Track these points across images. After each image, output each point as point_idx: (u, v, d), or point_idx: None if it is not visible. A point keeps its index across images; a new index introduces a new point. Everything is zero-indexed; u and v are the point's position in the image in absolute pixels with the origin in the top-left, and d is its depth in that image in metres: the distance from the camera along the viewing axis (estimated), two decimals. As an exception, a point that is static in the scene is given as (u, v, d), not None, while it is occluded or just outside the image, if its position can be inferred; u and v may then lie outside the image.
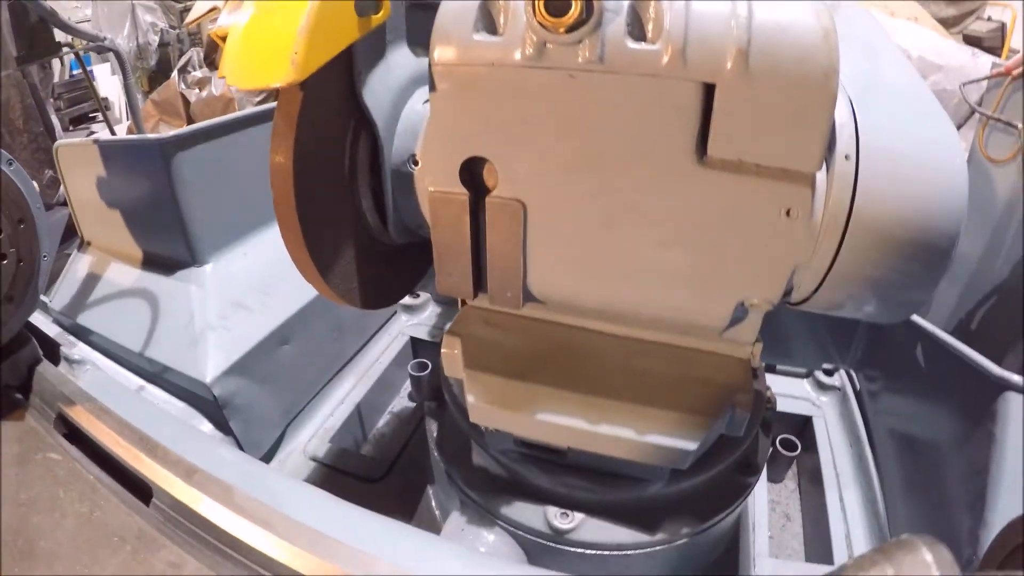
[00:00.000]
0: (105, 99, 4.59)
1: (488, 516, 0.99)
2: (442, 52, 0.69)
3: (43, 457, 0.96)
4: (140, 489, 0.87)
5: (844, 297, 0.79)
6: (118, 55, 2.26)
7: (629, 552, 0.94)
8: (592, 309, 0.82)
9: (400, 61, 0.84)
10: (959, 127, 2.38)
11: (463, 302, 0.94)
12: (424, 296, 1.91)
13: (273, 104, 0.81)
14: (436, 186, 0.76)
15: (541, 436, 0.87)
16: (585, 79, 0.66)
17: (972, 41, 4.82)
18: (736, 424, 0.87)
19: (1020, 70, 2.02)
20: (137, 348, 1.37)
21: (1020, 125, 1.95)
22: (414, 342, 1.80)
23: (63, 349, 1.23)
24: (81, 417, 1.00)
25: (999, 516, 1.01)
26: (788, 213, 0.70)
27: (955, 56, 3.04)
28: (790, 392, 1.72)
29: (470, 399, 0.87)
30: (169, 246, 1.45)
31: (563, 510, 0.95)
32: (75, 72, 4.81)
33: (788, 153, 0.66)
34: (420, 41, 0.86)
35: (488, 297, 0.82)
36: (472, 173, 0.75)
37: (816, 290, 0.78)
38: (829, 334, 1.74)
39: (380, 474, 1.41)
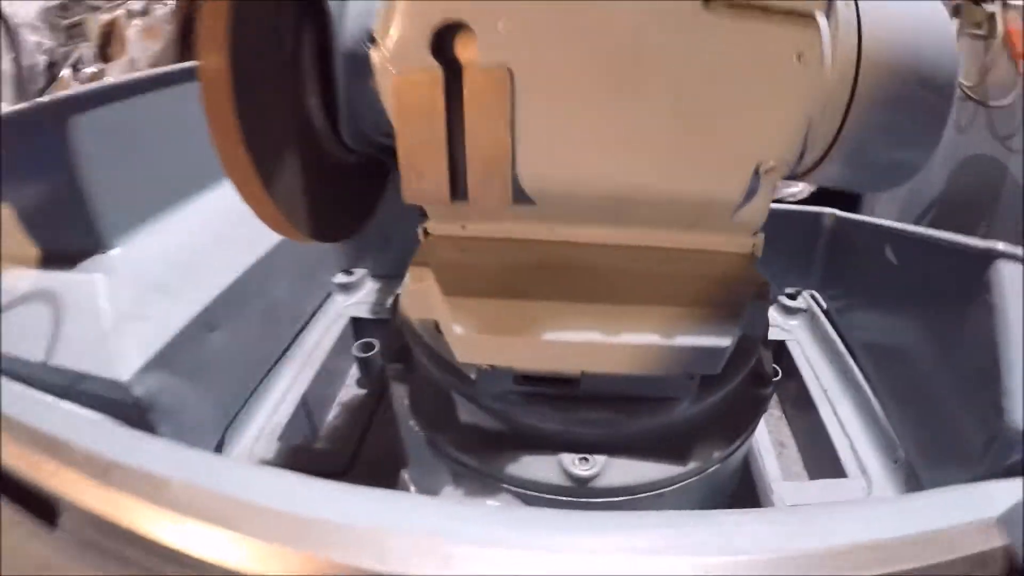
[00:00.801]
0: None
1: (489, 481, 0.85)
2: None
3: None
4: (44, 510, 0.66)
5: (856, 154, 0.73)
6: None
7: (663, 491, 0.82)
8: (594, 200, 0.69)
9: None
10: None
11: (424, 233, 0.79)
12: (360, 272, 1.73)
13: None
14: (401, 65, 0.62)
15: (550, 363, 0.74)
16: None
17: None
18: (759, 319, 0.78)
19: None
20: (39, 358, 1.14)
21: None
22: (356, 323, 1.62)
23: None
24: None
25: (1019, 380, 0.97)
26: (800, 58, 0.61)
27: None
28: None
29: (457, 332, 0.72)
30: (68, 235, 1.23)
31: (581, 455, 0.82)
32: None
33: None
34: None
35: (468, 203, 0.68)
36: (441, 47, 0.61)
37: (830, 146, 0.72)
38: (785, 258, 1.68)
39: (343, 467, 1.24)
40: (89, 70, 3.94)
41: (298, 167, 0.72)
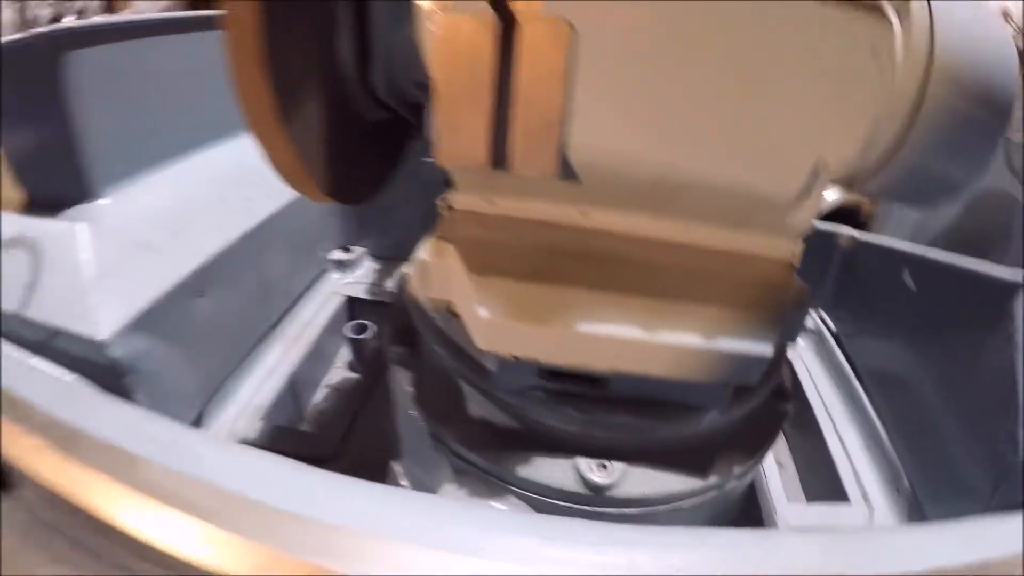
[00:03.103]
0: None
1: (496, 483, 0.77)
2: None
3: None
4: None
5: (912, 164, 0.68)
6: None
7: (682, 503, 0.75)
8: (643, 183, 0.62)
9: None
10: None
11: (448, 208, 0.71)
12: (358, 251, 1.65)
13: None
14: (448, 8, 0.54)
15: (581, 358, 0.66)
16: None
17: None
18: (793, 327, 0.71)
19: None
20: (12, 309, 1.05)
21: None
22: (351, 303, 1.54)
23: None
24: None
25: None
26: (873, 51, 0.58)
27: None
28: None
29: (481, 315, 0.65)
30: (55, 179, 1.15)
31: (599, 460, 0.74)
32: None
33: None
34: None
35: (511, 170, 0.60)
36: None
37: (892, 153, 0.67)
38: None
39: (329, 453, 1.16)
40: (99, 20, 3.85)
41: (321, 115, 0.65)
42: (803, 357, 1.58)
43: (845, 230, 1.56)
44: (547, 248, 0.68)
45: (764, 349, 0.66)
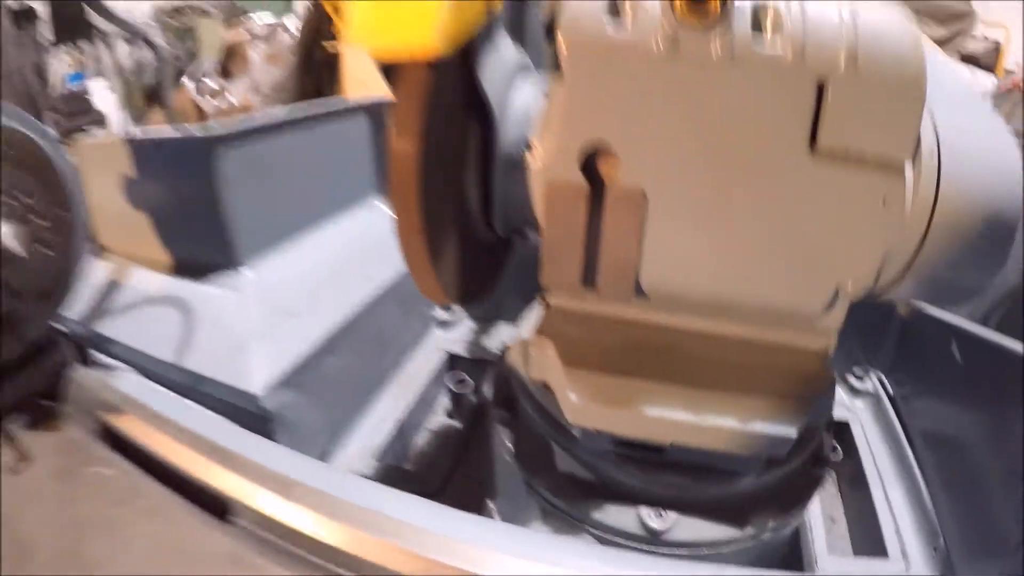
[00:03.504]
0: (100, 113, 4.47)
1: (575, 523, 0.99)
2: (571, 38, 0.71)
3: (92, 472, 0.90)
4: (214, 505, 0.83)
5: (924, 279, 0.86)
6: (155, 47, 2.28)
7: (723, 549, 0.95)
8: (699, 301, 0.84)
9: (506, 50, 0.86)
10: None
11: (546, 305, 0.94)
12: (459, 312, 1.90)
13: (319, 105, 0.86)
14: (553, 174, 0.77)
15: (646, 433, 0.88)
16: (715, 72, 0.69)
17: (969, 60, 5.26)
18: (823, 409, 0.91)
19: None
20: (168, 358, 1.31)
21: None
22: (452, 358, 1.78)
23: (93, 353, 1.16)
24: (130, 426, 0.96)
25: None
26: (884, 202, 0.75)
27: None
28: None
29: (572, 398, 0.87)
30: (206, 249, 1.42)
31: (657, 510, 0.95)
32: (72, 85, 4.71)
33: (887, 142, 0.73)
34: (515, 32, 0.88)
35: (595, 291, 0.83)
36: (588, 164, 0.77)
37: (903, 273, 0.85)
38: (858, 334, 1.78)
39: (434, 489, 1.40)
40: (211, 85, 4.29)
41: (453, 245, 0.88)
42: (861, 418, 1.71)
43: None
44: (622, 346, 0.90)
45: (790, 432, 0.85)
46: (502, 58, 0.85)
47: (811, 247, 0.79)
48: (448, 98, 0.79)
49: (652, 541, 0.95)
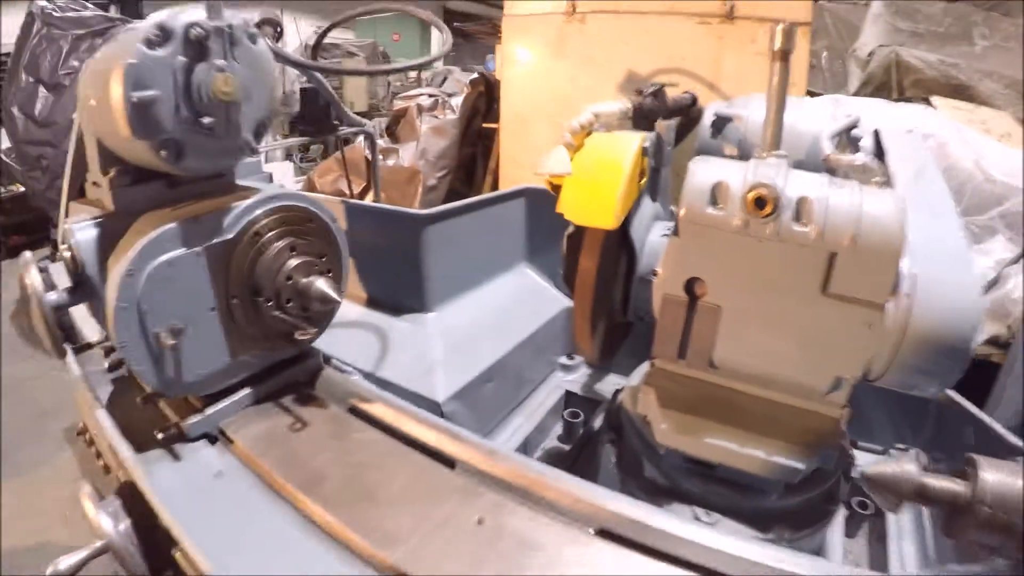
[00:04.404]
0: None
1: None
2: (687, 213, 1.27)
3: (356, 436, 1.42)
4: (445, 459, 1.35)
5: (902, 377, 1.32)
6: (370, 137, 3.02)
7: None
8: (749, 375, 1.38)
9: (646, 207, 1.45)
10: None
11: (652, 366, 1.50)
12: (577, 359, 2.50)
13: (493, 194, 1.50)
14: (667, 290, 1.34)
15: (706, 454, 1.41)
16: (767, 243, 1.24)
17: None
18: (829, 458, 1.41)
19: None
20: (369, 369, 1.94)
21: None
22: (568, 395, 2.37)
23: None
24: (375, 409, 1.49)
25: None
26: (869, 326, 1.24)
27: None
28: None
29: (662, 427, 1.42)
30: (404, 295, 2.06)
31: (707, 510, 1.48)
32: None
33: (873, 291, 1.21)
34: (654, 192, 1.46)
35: (684, 362, 1.39)
36: (689, 285, 1.33)
37: (883, 373, 1.33)
38: (903, 417, 2.24)
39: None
40: (380, 143, 5.20)
41: (602, 324, 1.47)
42: None
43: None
44: (697, 397, 1.44)
45: (799, 466, 1.35)
46: (643, 214, 1.44)
47: (821, 350, 1.29)
48: (613, 239, 1.38)
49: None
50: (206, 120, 1.22)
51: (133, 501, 1.31)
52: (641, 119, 1.63)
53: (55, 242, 5.05)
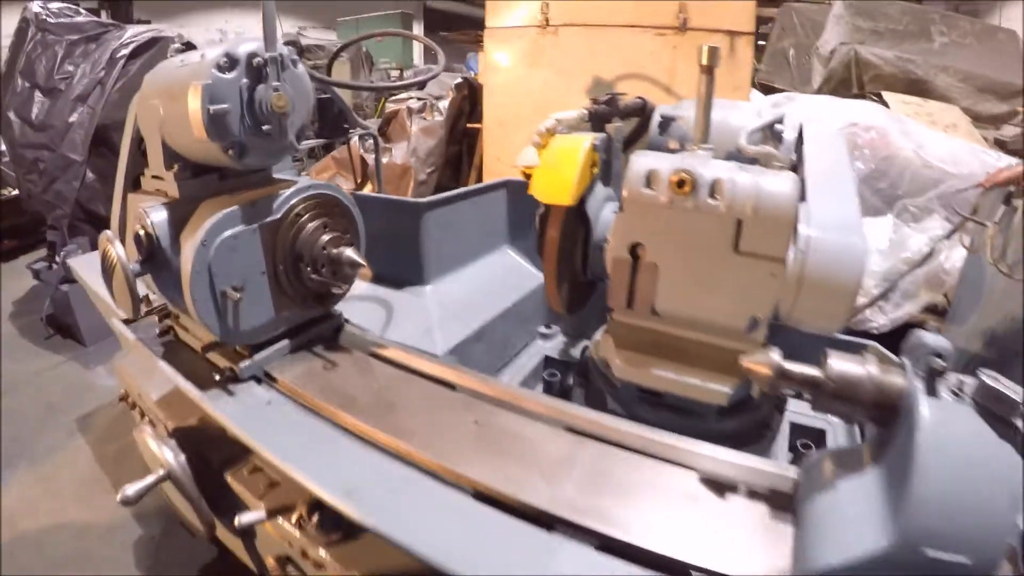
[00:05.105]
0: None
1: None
2: (628, 193, 1.69)
3: (377, 371, 1.83)
4: (448, 384, 1.77)
5: (804, 317, 1.63)
6: (374, 137, 3.52)
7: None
8: (683, 319, 1.80)
9: (599, 191, 1.89)
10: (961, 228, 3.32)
11: (610, 318, 1.94)
12: (555, 328, 2.94)
13: (483, 184, 2.05)
14: (616, 254, 1.76)
15: (653, 383, 1.84)
16: (690, 214, 1.65)
17: (1000, 145, 5.70)
18: (750, 387, 1.84)
19: (990, 183, 3.00)
20: (379, 332, 2.37)
21: (988, 225, 2.94)
22: (547, 359, 2.79)
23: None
24: (390, 353, 1.93)
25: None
26: (773, 276, 1.63)
27: (970, 164, 3.90)
28: (811, 413, 2.62)
29: (617, 363, 1.85)
30: (406, 270, 2.52)
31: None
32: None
33: (773, 248, 1.60)
34: (606, 179, 1.90)
35: (632, 311, 1.83)
36: (633, 249, 1.76)
37: (790, 314, 1.67)
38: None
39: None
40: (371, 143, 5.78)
41: (567, 283, 1.91)
42: (836, 431, 2.57)
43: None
44: (645, 340, 1.88)
45: (726, 389, 1.78)
46: (596, 195, 1.88)
47: (737, 296, 1.69)
48: (572, 215, 1.82)
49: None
50: (265, 127, 1.66)
51: (186, 441, 1.76)
52: (596, 121, 2.07)
53: (51, 244, 5.44)
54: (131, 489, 1.63)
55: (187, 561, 3.09)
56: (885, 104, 4.97)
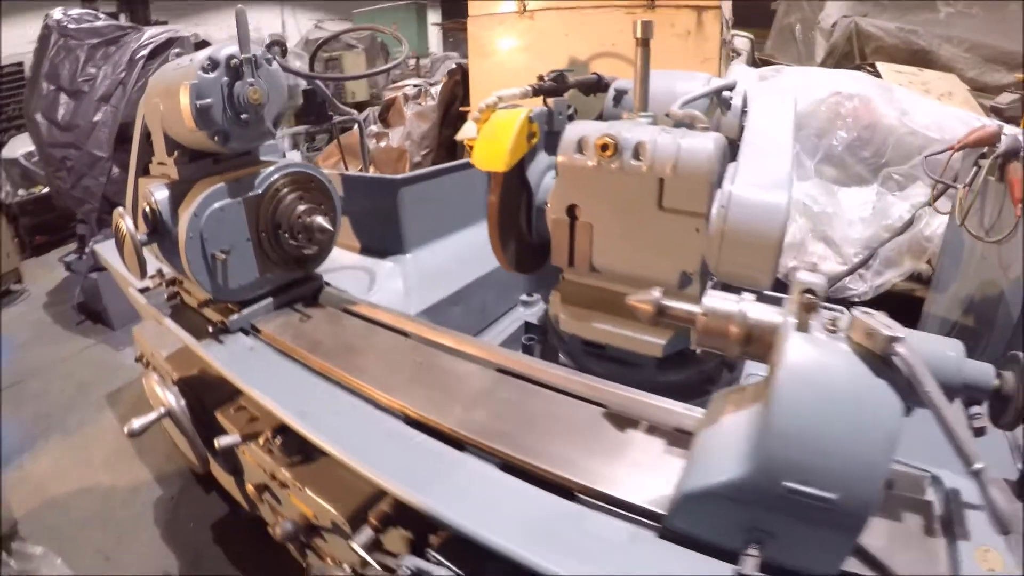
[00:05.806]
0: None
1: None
2: (562, 159, 1.95)
3: (344, 323, 2.20)
4: (404, 334, 2.09)
5: (733, 270, 1.76)
6: (359, 123, 3.88)
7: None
8: (621, 275, 2.03)
9: (542, 159, 2.17)
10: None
11: (562, 278, 2.21)
12: (536, 296, 3.26)
13: (458, 162, 2.45)
14: (555, 215, 2.03)
15: (594, 336, 2.08)
16: (616, 175, 1.89)
17: (996, 112, 5.73)
18: (684, 339, 2.10)
19: (960, 144, 3.09)
20: (362, 294, 2.67)
21: (960, 186, 3.07)
22: (527, 325, 3.06)
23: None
24: (358, 308, 2.26)
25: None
26: (697, 230, 1.85)
27: (956, 129, 3.93)
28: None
29: (563, 318, 2.12)
30: (387, 242, 2.85)
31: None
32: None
33: (693, 203, 1.83)
34: (551, 149, 2.18)
35: (574, 269, 2.09)
36: (570, 211, 2.03)
37: (717, 267, 1.88)
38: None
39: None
40: (373, 129, 6.13)
41: (514, 243, 2.19)
42: None
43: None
44: (587, 295, 2.14)
45: (660, 341, 2.03)
46: (538, 163, 2.16)
47: (666, 251, 1.92)
48: (513, 181, 2.10)
49: (601, 393, 2.20)
50: (243, 116, 2.02)
51: (186, 388, 2.11)
52: (543, 95, 2.35)
53: (81, 237, 5.89)
54: (137, 423, 1.98)
55: (202, 516, 3.45)
56: (878, 74, 5.11)
